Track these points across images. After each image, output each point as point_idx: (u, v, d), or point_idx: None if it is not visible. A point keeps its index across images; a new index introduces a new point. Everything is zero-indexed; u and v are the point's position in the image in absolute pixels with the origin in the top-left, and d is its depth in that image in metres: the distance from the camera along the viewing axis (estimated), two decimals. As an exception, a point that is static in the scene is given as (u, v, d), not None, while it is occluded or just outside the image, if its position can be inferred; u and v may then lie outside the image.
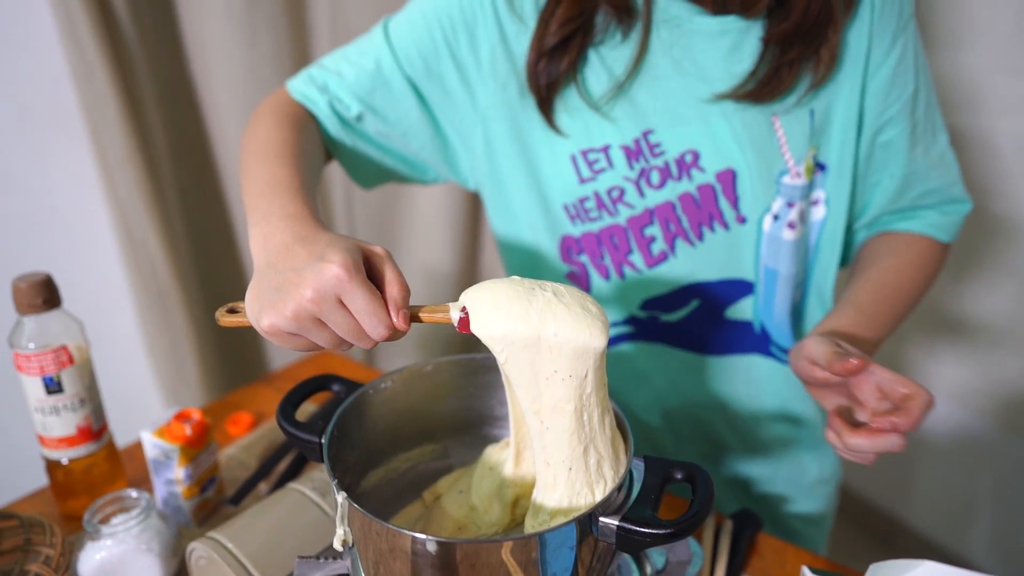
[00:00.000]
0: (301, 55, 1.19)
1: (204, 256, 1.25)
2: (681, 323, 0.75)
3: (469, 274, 1.46)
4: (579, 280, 0.76)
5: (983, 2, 1.36)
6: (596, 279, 0.75)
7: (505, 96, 0.70)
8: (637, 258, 0.72)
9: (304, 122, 0.67)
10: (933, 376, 1.57)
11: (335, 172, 1.29)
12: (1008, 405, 1.46)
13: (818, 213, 0.73)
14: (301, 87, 0.70)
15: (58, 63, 1.03)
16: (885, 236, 0.76)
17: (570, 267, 0.75)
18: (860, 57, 0.68)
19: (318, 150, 0.68)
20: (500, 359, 0.46)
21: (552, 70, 0.67)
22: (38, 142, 1.08)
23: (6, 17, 1.01)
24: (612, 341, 0.77)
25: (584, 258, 0.74)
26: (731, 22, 0.67)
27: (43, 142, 1.08)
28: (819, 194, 0.72)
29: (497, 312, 0.45)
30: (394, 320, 0.46)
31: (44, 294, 0.63)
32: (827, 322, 0.67)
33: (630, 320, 0.76)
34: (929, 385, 0.66)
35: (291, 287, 0.45)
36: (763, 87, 0.66)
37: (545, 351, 0.45)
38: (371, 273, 0.47)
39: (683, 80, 0.68)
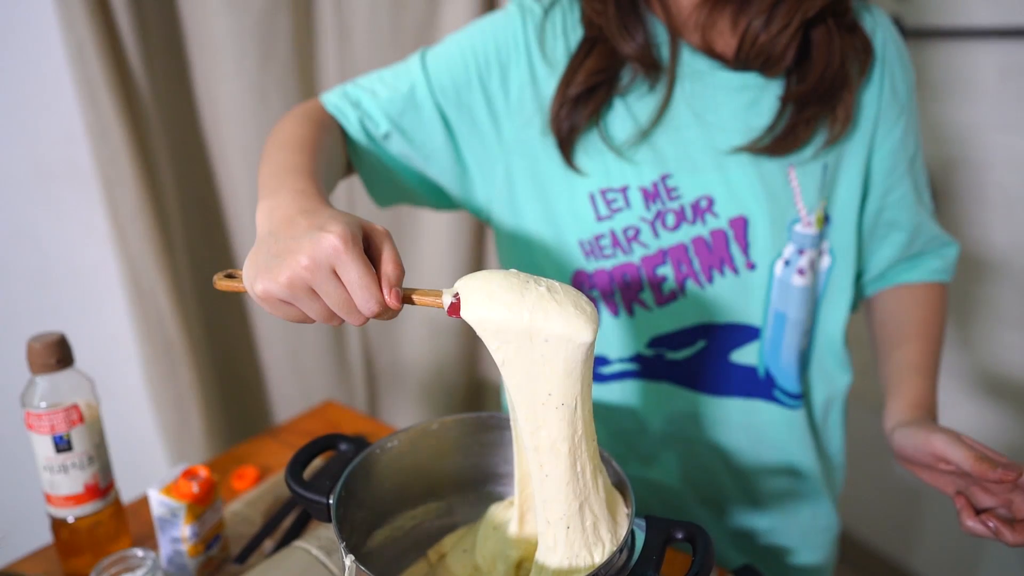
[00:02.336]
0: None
1: (211, 309, 1.26)
2: (686, 362, 0.77)
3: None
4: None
5: (967, 60, 1.41)
6: (606, 315, 0.77)
7: (529, 133, 0.74)
8: (648, 296, 0.74)
9: (330, 127, 0.69)
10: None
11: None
12: (1011, 451, 1.46)
13: (824, 263, 0.77)
14: (335, 100, 0.72)
15: (75, 122, 1.06)
16: (902, 290, 0.81)
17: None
18: (871, 119, 0.73)
19: (339, 155, 0.70)
20: (497, 359, 0.47)
21: (574, 117, 0.71)
22: (53, 198, 1.10)
23: (26, 76, 1.05)
24: (617, 376, 0.79)
25: (595, 293, 0.76)
26: (751, 78, 0.71)
27: (58, 198, 1.11)
28: (825, 244, 0.76)
29: (489, 301, 0.45)
30: (386, 297, 0.46)
31: (58, 354, 0.64)
32: (904, 393, 0.71)
33: (636, 358, 0.77)
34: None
35: (288, 254, 0.46)
36: (779, 142, 0.70)
37: (539, 358, 0.46)
38: (370, 251, 0.48)
39: (703, 130, 0.72)
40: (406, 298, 0.48)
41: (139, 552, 0.61)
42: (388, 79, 0.73)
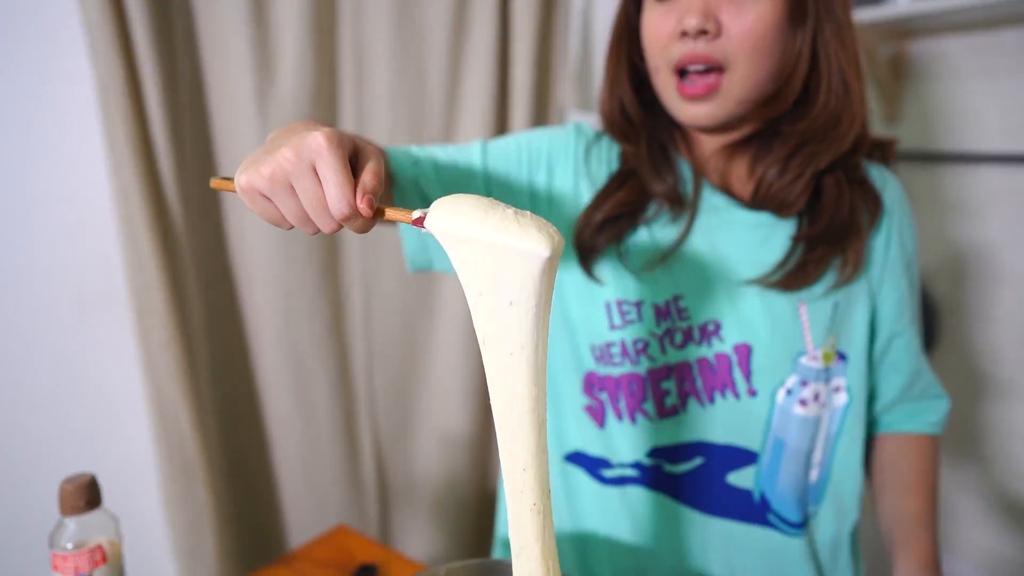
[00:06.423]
0: (330, 248, 1.30)
1: (231, 431, 1.29)
2: (684, 477, 0.78)
3: (484, 436, 1.49)
4: (596, 414, 0.79)
5: (971, 181, 1.46)
6: (611, 417, 0.78)
7: (566, 225, 0.78)
8: (650, 407, 0.76)
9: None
10: (953, 538, 1.52)
11: (356, 335, 1.36)
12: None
13: (840, 400, 0.79)
14: (397, 153, 0.75)
15: (114, 253, 1.14)
16: (900, 439, 0.84)
17: (590, 400, 0.79)
18: (879, 266, 0.79)
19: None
20: (470, 300, 0.47)
21: (596, 240, 0.76)
22: (88, 324, 1.16)
23: (71, 212, 1.13)
24: (618, 481, 0.79)
25: (604, 396, 0.78)
26: (765, 217, 0.76)
27: (93, 324, 1.17)
28: (840, 381, 0.78)
29: (454, 215, 0.46)
30: (357, 201, 0.47)
31: (87, 495, 0.67)
32: (914, 549, 0.73)
33: (636, 465, 0.79)
34: (950, 548, 0.71)
35: (276, 150, 0.47)
36: (790, 278, 0.74)
37: (505, 312, 0.46)
38: (358, 166, 0.49)
39: (717, 260, 0.76)
40: (378, 211, 0.48)
41: None
42: (450, 151, 0.77)
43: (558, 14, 1.40)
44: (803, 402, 0.76)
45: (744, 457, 0.77)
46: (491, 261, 0.45)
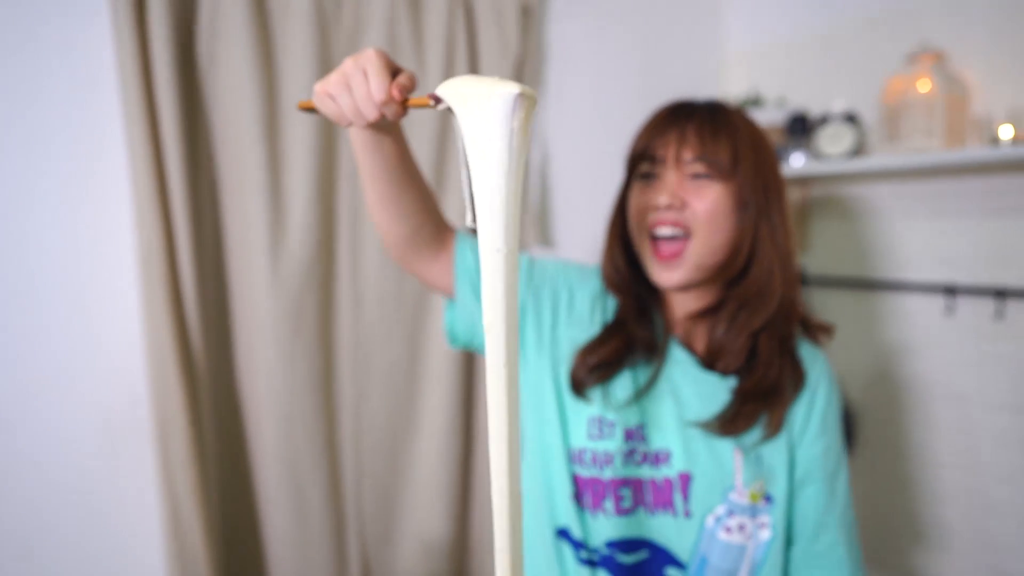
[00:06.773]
0: (325, 376, 1.49)
1: (233, 539, 1.43)
2: (632, 567, 0.91)
3: (460, 539, 1.63)
4: (576, 501, 0.92)
5: (875, 305, 1.67)
6: (583, 508, 0.92)
7: (571, 344, 0.93)
8: (609, 505, 0.90)
9: (446, 229, 0.89)
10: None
11: (347, 450, 1.52)
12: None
13: (764, 535, 0.91)
14: (463, 236, 0.90)
15: (141, 387, 1.31)
16: None
17: (572, 489, 0.92)
18: (798, 430, 0.93)
19: (435, 210, 0.87)
20: (467, 140, 0.57)
21: (587, 379, 0.90)
22: (114, 451, 1.31)
23: (103, 353, 1.28)
24: (588, 563, 0.92)
25: (575, 490, 0.92)
26: (713, 375, 0.93)
27: (117, 450, 1.32)
28: (766, 519, 0.91)
29: (458, 82, 0.58)
30: (392, 90, 0.63)
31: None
32: None
33: (598, 551, 0.92)
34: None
35: (341, 65, 0.65)
36: (725, 425, 0.89)
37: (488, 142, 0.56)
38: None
39: (675, 403, 0.92)
40: (405, 101, 0.64)
41: None
42: None
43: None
44: (728, 529, 0.89)
45: (675, 562, 0.93)
46: (480, 109, 0.56)
